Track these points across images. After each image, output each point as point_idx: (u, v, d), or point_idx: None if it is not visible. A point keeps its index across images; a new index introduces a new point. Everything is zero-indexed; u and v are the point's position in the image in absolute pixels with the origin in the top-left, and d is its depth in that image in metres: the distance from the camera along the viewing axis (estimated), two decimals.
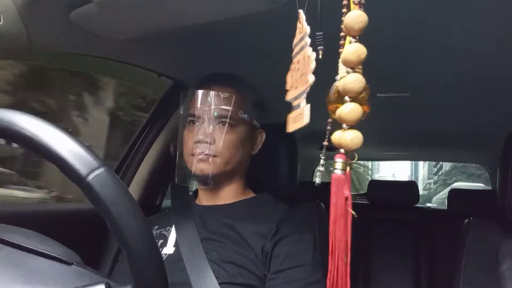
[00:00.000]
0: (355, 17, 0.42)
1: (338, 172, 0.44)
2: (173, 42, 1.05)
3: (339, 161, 0.44)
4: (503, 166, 0.96)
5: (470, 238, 1.00)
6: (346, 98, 0.42)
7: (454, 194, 2.31)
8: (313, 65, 0.45)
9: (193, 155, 0.91)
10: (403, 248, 2.16)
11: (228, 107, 0.92)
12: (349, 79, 0.42)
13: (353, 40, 0.42)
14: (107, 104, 5.48)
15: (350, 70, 0.42)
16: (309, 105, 0.45)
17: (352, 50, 0.42)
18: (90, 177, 0.43)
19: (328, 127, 0.49)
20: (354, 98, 0.42)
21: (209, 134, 0.91)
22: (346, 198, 0.44)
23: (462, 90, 1.33)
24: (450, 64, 1.13)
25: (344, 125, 0.43)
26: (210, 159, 0.90)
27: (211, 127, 0.91)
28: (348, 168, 0.44)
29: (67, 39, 0.88)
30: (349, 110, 0.42)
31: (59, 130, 0.45)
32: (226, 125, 0.92)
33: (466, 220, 1.05)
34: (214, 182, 0.92)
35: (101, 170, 0.44)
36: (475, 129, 1.86)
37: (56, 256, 0.52)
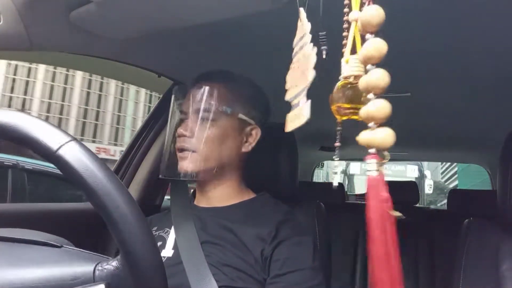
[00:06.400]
0: (372, 12, 0.41)
1: (373, 173, 0.41)
2: (173, 42, 1.05)
3: (372, 162, 0.41)
4: (503, 166, 0.96)
5: (470, 238, 0.99)
6: (370, 95, 0.40)
7: (454, 194, 2.31)
8: (313, 61, 0.44)
9: (175, 151, 0.93)
10: (403, 248, 2.13)
11: (209, 101, 0.92)
12: (374, 76, 0.40)
13: (370, 36, 0.41)
14: None
15: (372, 67, 0.40)
16: (309, 101, 0.44)
17: (374, 45, 0.40)
18: (61, 150, 0.45)
19: (338, 128, 0.48)
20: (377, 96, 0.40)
21: (188, 128, 0.91)
22: (386, 200, 0.41)
23: (462, 90, 1.33)
24: (450, 64, 1.13)
25: (371, 124, 0.41)
26: (189, 154, 0.90)
27: (191, 121, 0.92)
28: (381, 169, 0.42)
29: (67, 39, 0.88)
30: (378, 106, 0.40)
31: (24, 114, 0.47)
32: (205, 119, 0.91)
33: (466, 220, 1.05)
34: (198, 179, 0.92)
35: (70, 142, 0.46)
36: (475, 129, 1.86)
37: (45, 241, 0.52)
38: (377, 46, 0.40)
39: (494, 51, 1.01)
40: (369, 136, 0.41)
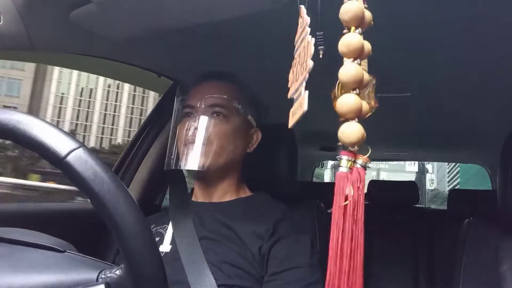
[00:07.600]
0: (343, 8, 0.42)
1: (341, 169, 0.42)
2: (173, 42, 1.05)
3: (343, 158, 0.42)
4: (503, 166, 0.96)
5: (470, 238, 0.99)
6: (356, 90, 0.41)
7: (454, 194, 2.31)
8: (312, 50, 0.44)
9: (185, 144, 0.92)
10: (403, 248, 2.16)
11: (222, 96, 0.93)
12: (341, 70, 0.41)
13: (356, 31, 0.42)
14: None
15: (354, 61, 0.41)
16: (307, 92, 0.44)
17: (342, 41, 0.41)
18: (68, 157, 0.44)
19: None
20: (359, 91, 0.41)
21: (201, 122, 0.91)
22: (346, 198, 0.40)
23: (462, 90, 1.33)
24: (450, 65, 1.13)
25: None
26: (201, 148, 0.90)
27: (204, 116, 0.92)
28: (352, 165, 0.41)
29: (67, 39, 0.88)
30: (340, 101, 0.41)
31: (34, 117, 0.46)
32: (220, 115, 0.93)
33: (466, 220, 1.05)
34: (206, 173, 0.92)
35: (78, 149, 0.45)
36: (475, 129, 1.86)
37: (48, 245, 0.52)
38: (344, 41, 0.41)
39: (494, 51, 1.01)
40: (340, 130, 0.41)
